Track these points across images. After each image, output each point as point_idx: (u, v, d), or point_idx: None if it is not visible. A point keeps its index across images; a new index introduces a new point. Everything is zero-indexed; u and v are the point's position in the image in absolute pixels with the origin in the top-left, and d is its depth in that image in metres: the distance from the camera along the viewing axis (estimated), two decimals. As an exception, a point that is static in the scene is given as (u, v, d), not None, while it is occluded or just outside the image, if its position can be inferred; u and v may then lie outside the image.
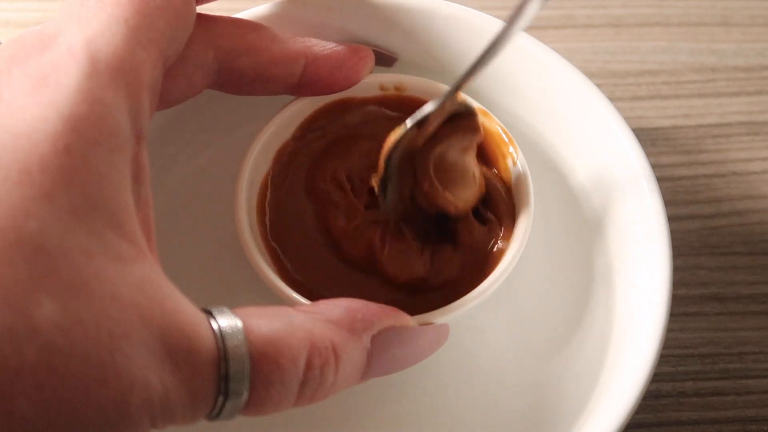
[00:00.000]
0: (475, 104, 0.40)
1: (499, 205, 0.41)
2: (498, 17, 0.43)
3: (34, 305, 0.26)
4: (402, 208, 0.40)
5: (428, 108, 0.37)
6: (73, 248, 0.27)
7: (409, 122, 0.38)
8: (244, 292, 0.42)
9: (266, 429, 0.40)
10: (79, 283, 0.27)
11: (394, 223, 0.40)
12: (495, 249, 0.40)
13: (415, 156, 0.38)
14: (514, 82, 0.44)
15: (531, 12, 0.35)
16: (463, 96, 0.39)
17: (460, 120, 0.39)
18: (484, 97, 0.44)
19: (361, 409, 0.41)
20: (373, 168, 0.40)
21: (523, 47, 0.43)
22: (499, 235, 0.40)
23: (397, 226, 0.40)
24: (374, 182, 0.38)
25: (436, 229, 0.40)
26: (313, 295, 0.39)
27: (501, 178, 0.42)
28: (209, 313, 0.30)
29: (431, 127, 0.38)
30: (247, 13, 0.42)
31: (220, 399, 0.30)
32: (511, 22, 0.35)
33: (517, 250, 0.39)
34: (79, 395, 0.26)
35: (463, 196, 0.39)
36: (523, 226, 0.40)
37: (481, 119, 0.42)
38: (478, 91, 0.44)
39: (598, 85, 0.43)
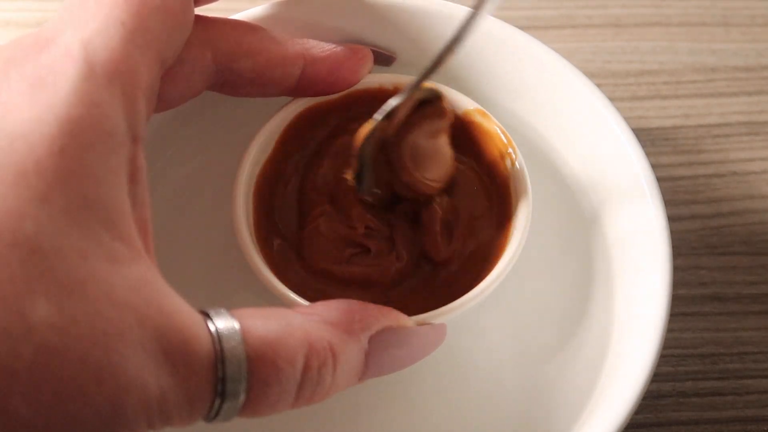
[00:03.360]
0: (443, 88, 0.41)
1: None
2: (498, 17, 0.43)
3: (29, 306, 0.26)
4: (380, 194, 0.40)
5: (395, 100, 0.38)
6: (69, 249, 0.27)
7: (377, 115, 0.38)
8: (242, 294, 0.42)
9: (264, 430, 0.40)
10: (74, 284, 0.27)
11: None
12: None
13: (388, 147, 0.39)
14: (513, 82, 0.44)
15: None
16: (429, 84, 0.39)
17: (427, 106, 0.39)
18: (484, 97, 0.44)
19: (359, 410, 0.41)
20: None
21: (522, 47, 0.43)
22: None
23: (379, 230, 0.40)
24: (348, 176, 0.39)
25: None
26: (310, 297, 0.39)
27: (497, 177, 0.42)
28: (206, 315, 0.30)
29: (400, 117, 0.38)
30: (245, 14, 0.42)
31: (217, 400, 0.30)
32: (477, 8, 0.35)
33: (516, 250, 0.39)
34: (75, 395, 0.26)
35: (439, 176, 0.40)
36: (521, 226, 0.40)
37: (480, 119, 0.42)
38: (478, 92, 0.44)
39: (598, 85, 0.42)
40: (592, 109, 0.42)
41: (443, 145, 0.40)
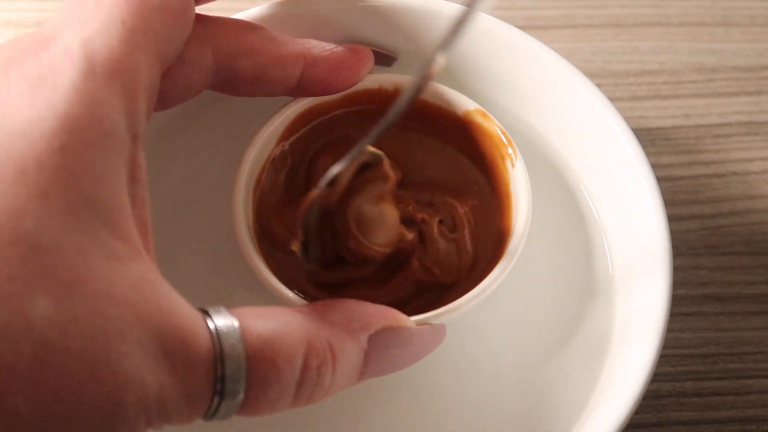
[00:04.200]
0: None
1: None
2: (498, 17, 0.43)
3: (29, 303, 0.26)
4: (326, 259, 0.39)
5: (337, 168, 0.37)
6: (68, 247, 0.27)
7: (321, 183, 0.37)
8: (241, 293, 0.42)
9: (264, 430, 0.40)
10: (73, 281, 0.27)
11: None
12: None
13: (333, 214, 0.38)
14: (513, 83, 0.44)
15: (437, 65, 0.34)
16: (370, 148, 0.38)
17: (369, 170, 0.38)
18: (484, 97, 0.44)
19: (359, 410, 0.41)
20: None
21: (523, 47, 0.43)
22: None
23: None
24: (294, 247, 0.38)
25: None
26: (310, 296, 0.39)
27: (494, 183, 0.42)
28: (206, 313, 0.30)
29: (342, 183, 0.37)
30: (245, 14, 0.42)
31: (216, 399, 0.30)
32: (419, 78, 0.34)
33: (515, 249, 0.39)
34: (74, 393, 0.26)
35: (386, 241, 0.39)
36: (521, 226, 0.40)
37: (480, 120, 0.42)
38: (478, 92, 0.44)
39: (598, 85, 0.42)
40: (592, 109, 0.42)
41: (388, 208, 0.39)
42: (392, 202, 0.39)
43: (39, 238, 0.27)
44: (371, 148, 0.38)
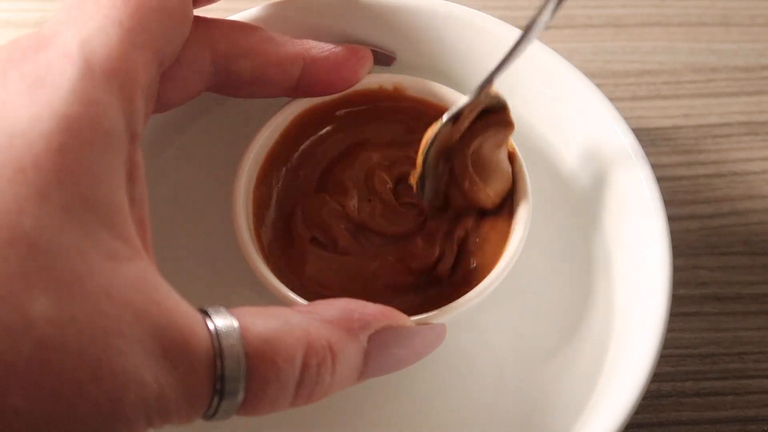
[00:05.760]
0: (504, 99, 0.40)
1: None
2: (499, 17, 0.43)
3: (28, 301, 0.26)
4: (435, 202, 0.40)
5: (462, 102, 0.37)
6: (67, 246, 0.27)
7: (445, 117, 0.37)
8: (241, 292, 0.42)
9: (264, 430, 0.40)
10: (72, 280, 0.27)
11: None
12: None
13: (451, 152, 0.38)
14: (513, 82, 0.44)
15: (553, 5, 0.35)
16: (495, 90, 0.39)
17: (492, 114, 0.39)
18: (484, 97, 0.44)
19: (359, 410, 0.41)
20: (370, 171, 0.41)
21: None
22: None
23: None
24: (412, 179, 0.38)
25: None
26: (309, 296, 0.39)
27: None
28: (205, 313, 0.30)
29: (465, 122, 0.38)
30: (244, 15, 0.42)
31: (216, 398, 0.30)
32: (539, 12, 0.36)
33: (516, 249, 0.39)
34: (73, 391, 0.26)
35: (499, 190, 0.40)
36: (521, 225, 0.40)
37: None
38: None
39: (598, 85, 0.43)
40: (592, 109, 0.42)
41: (503, 157, 0.40)
42: (506, 151, 0.40)
43: (38, 238, 0.27)
44: (496, 91, 0.38)
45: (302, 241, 0.41)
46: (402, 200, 0.42)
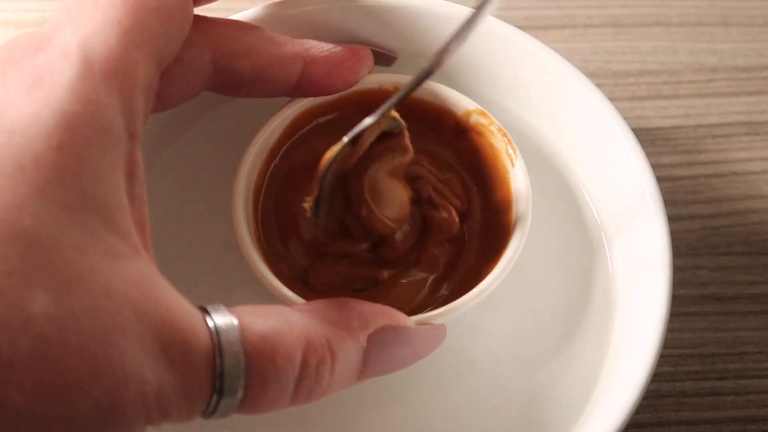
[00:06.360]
0: (403, 123, 0.39)
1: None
2: (499, 17, 0.43)
3: (28, 298, 0.26)
4: (331, 229, 0.39)
5: (365, 123, 0.36)
6: (67, 243, 0.27)
7: (345, 138, 0.36)
8: (241, 291, 0.42)
9: (263, 429, 0.40)
10: (72, 277, 0.27)
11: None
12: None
13: (348, 177, 0.38)
14: (513, 82, 0.44)
15: (478, 19, 0.35)
16: (394, 112, 0.38)
17: (390, 139, 0.38)
18: (483, 97, 0.44)
19: (358, 410, 0.41)
20: None
21: (523, 47, 0.43)
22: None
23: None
24: (308, 204, 0.37)
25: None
26: (309, 295, 0.39)
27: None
28: (205, 311, 0.30)
29: (365, 145, 0.37)
30: (244, 14, 0.42)
31: (215, 396, 0.30)
32: (457, 31, 0.35)
33: (516, 249, 0.39)
34: (73, 388, 0.26)
35: (396, 217, 0.39)
36: (521, 225, 0.40)
37: (480, 120, 0.42)
38: (478, 92, 0.44)
39: (598, 85, 0.43)
40: (592, 109, 0.42)
41: (401, 187, 0.39)
42: (404, 181, 0.39)
43: (37, 235, 0.27)
44: (395, 114, 0.38)
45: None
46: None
